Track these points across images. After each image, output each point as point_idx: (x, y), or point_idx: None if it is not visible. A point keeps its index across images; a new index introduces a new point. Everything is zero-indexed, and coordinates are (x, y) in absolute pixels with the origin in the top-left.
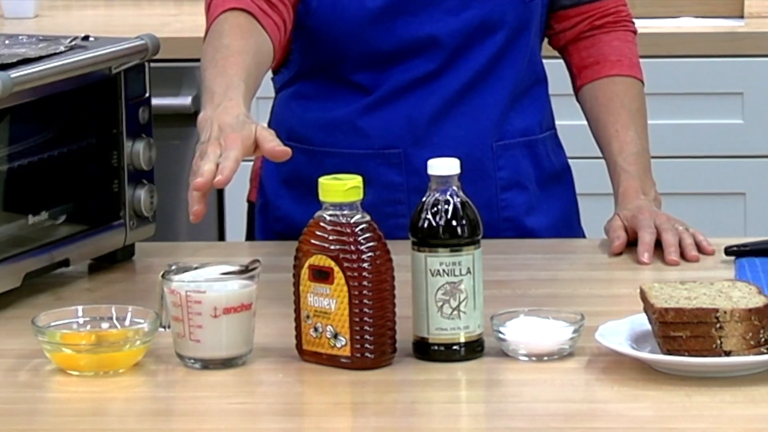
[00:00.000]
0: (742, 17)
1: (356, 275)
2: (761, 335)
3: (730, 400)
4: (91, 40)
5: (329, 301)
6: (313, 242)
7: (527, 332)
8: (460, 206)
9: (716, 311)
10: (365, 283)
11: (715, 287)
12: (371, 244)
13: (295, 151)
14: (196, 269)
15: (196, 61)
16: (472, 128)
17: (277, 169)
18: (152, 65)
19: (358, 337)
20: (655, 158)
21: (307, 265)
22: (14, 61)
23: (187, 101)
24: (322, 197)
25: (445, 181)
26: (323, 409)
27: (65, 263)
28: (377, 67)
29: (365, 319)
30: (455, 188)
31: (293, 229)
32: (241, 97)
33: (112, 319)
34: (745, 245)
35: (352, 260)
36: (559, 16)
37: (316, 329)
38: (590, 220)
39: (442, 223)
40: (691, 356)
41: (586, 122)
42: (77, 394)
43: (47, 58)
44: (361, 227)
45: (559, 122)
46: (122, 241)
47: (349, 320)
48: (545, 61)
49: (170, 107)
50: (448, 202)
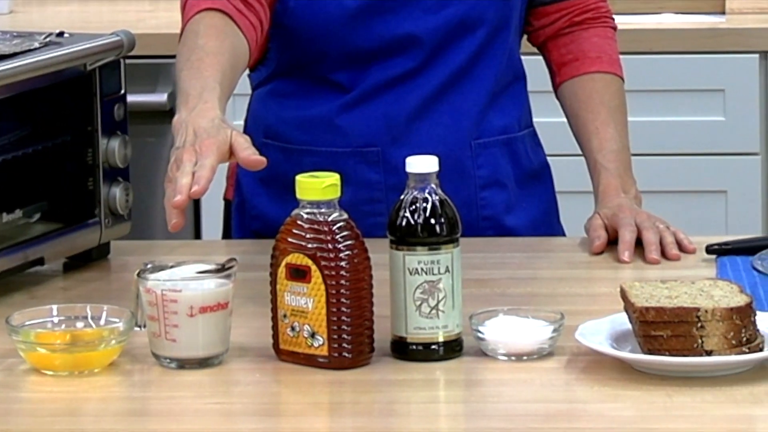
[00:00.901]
0: (723, 13)
1: (334, 274)
2: (743, 334)
3: (711, 400)
4: (65, 36)
5: (306, 300)
6: (290, 240)
7: (506, 331)
8: (438, 204)
9: (697, 310)
10: (343, 281)
11: (696, 286)
12: (349, 242)
13: (272, 149)
14: (171, 268)
15: (172, 57)
16: (451, 126)
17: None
18: (128, 62)
19: (335, 336)
20: (635, 156)
21: (284, 263)
22: None
23: (162, 98)
24: (299, 195)
25: (423, 178)
26: (300, 409)
27: (40, 262)
28: (356, 65)
29: (343, 318)
30: (434, 186)
31: (270, 227)
32: (216, 99)
33: (87, 318)
34: (726, 244)
35: (329, 259)
36: (538, 12)
37: (293, 328)
38: (570, 217)
39: (420, 221)
40: (671, 356)
41: (565, 119)
42: (52, 394)
43: (21, 54)
44: (338, 225)
45: (537, 119)
46: (97, 239)
47: (326, 319)
48: (524, 57)
49: (146, 104)
50: (426, 200)
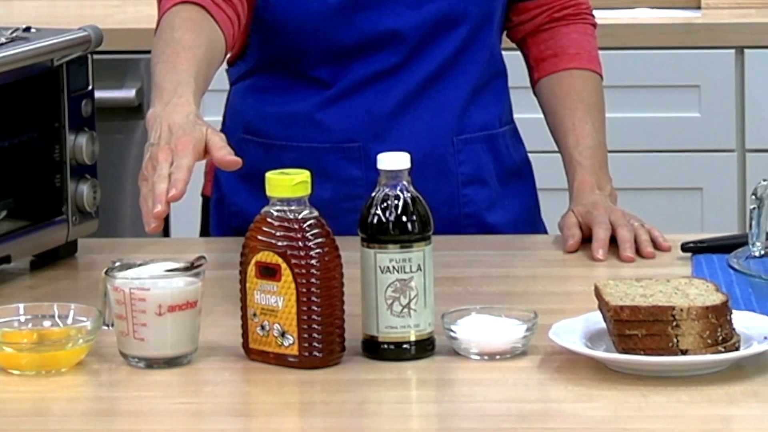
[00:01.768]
0: (698, 8)
1: (304, 272)
2: (718, 334)
3: (686, 400)
4: (32, 31)
5: (276, 298)
6: (259, 238)
7: (479, 330)
8: (410, 201)
9: (672, 309)
10: (313, 280)
11: (671, 284)
12: (319, 240)
13: (252, 144)
14: (140, 266)
15: (140, 53)
16: (433, 122)
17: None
18: (95, 57)
19: (306, 335)
20: (610, 152)
21: (253, 261)
22: None
23: (131, 94)
24: (269, 192)
25: (395, 175)
26: (270, 409)
27: (6, 260)
28: (338, 61)
29: (313, 317)
30: (405, 183)
31: (250, 224)
32: (191, 94)
33: (54, 317)
34: (702, 241)
35: (299, 257)
36: (518, 8)
37: (263, 327)
38: (551, 214)
39: (391, 218)
40: (646, 355)
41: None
42: (18, 393)
43: None
44: (309, 223)
45: (518, 116)
46: (65, 237)
47: (296, 318)
48: (503, 53)
49: (114, 100)
50: (398, 197)
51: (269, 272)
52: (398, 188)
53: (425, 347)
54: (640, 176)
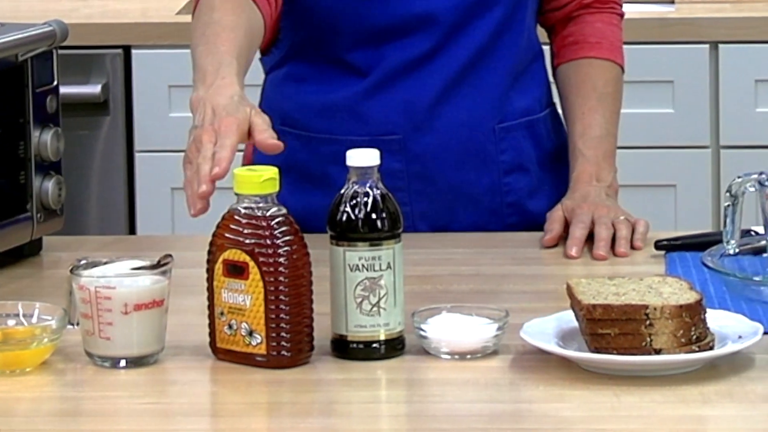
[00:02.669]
0: (672, 2)
1: (272, 270)
2: (692, 333)
3: (660, 400)
4: None
5: (244, 297)
6: (227, 236)
7: (450, 329)
8: (380, 199)
9: (646, 308)
10: (281, 278)
11: (644, 283)
12: (288, 238)
13: (289, 136)
14: (105, 264)
15: (106, 47)
16: (473, 111)
17: (270, 155)
18: (60, 52)
19: (274, 334)
20: None
21: (221, 259)
22: None
23: (96, 89)
24: (236, 189)
25: (364, 172)
26: (238, 409)
27: None
28: (371, 44)
29: (281, 316)
30: (375, 180)
31: None
32: (234, 75)
33: (18, 315)
34: (675, 239)
35: (267, 255)
36: None
37: (230, 326)
38: None
39: (361, 216)
40: (619, 354)
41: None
42: None
43: None
44: (277, 221)
45: None
46: (29, 234)
47: (264, 317)
48: None
49: (79, 96)
50: (367, 194)
51: (237, 270)
52: (368, 185)
53: (395, 346)
54: None
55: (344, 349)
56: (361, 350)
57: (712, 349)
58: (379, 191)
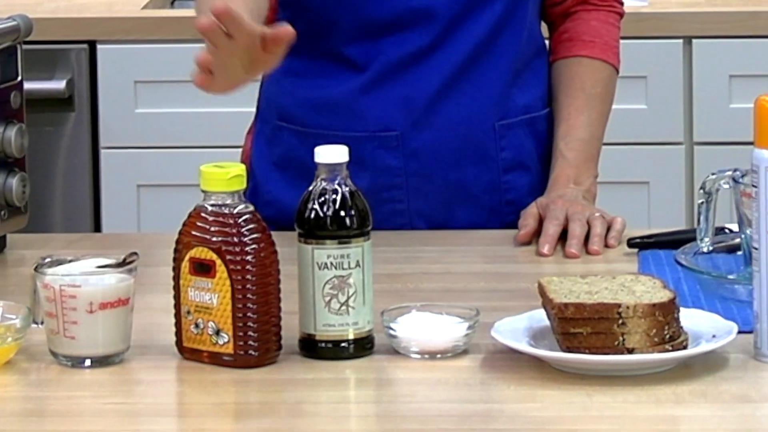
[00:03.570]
0: None
1: (239, 269)
2: (666, 332)
3: (633, 400)
4: None
5: (211, 295)
6: (194, 234)
7: (419, 328)
8: (348, 196)
9: (618, 306)
10: (249, 276)
11: (617, 281)
12: (255, 235)
13: (286, 131)
14: (70, 262)
15: (71, 42)
16: (472, 108)
17: (268, 150)
18: (25, 47)
19: (241, 333)
20: None
21: (187, 257)
22: None
23: (61, 85)
24: (203, 186)
25: (332, 169)
26: (204, 409)
27: None
28: (369, 38)
29: (249, 314)
30: (343, 177)
31: (284, 214)
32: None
33: None
34: (648, 237)
35: (235, 253)
36: None
37: (197, 325)
38: None
39: (329, 213)
40: (591, 354)
41: None
42: None
43: None
44: (244, 218)
45: None
46: None
47: (231, 316)
48: None
49: (44, 91)
50: (336, 191)
51: (203, 268)
52: (336, 182)
53: (364, 346)
54: None
55: (312, 348)
56: (329, 350)
57: (685, 348)
58: (347, 188)
